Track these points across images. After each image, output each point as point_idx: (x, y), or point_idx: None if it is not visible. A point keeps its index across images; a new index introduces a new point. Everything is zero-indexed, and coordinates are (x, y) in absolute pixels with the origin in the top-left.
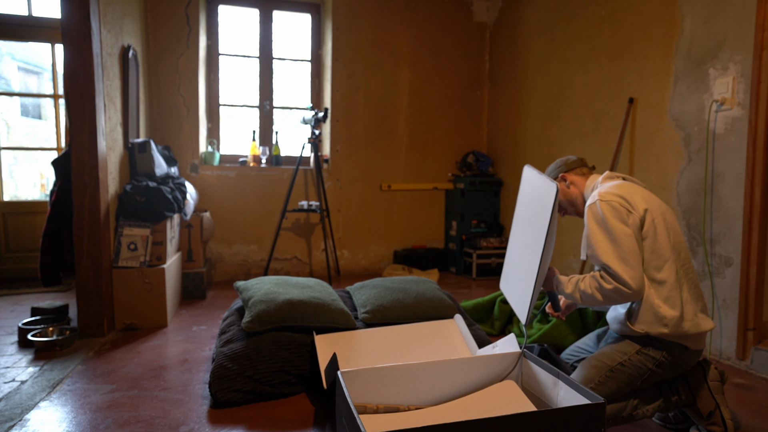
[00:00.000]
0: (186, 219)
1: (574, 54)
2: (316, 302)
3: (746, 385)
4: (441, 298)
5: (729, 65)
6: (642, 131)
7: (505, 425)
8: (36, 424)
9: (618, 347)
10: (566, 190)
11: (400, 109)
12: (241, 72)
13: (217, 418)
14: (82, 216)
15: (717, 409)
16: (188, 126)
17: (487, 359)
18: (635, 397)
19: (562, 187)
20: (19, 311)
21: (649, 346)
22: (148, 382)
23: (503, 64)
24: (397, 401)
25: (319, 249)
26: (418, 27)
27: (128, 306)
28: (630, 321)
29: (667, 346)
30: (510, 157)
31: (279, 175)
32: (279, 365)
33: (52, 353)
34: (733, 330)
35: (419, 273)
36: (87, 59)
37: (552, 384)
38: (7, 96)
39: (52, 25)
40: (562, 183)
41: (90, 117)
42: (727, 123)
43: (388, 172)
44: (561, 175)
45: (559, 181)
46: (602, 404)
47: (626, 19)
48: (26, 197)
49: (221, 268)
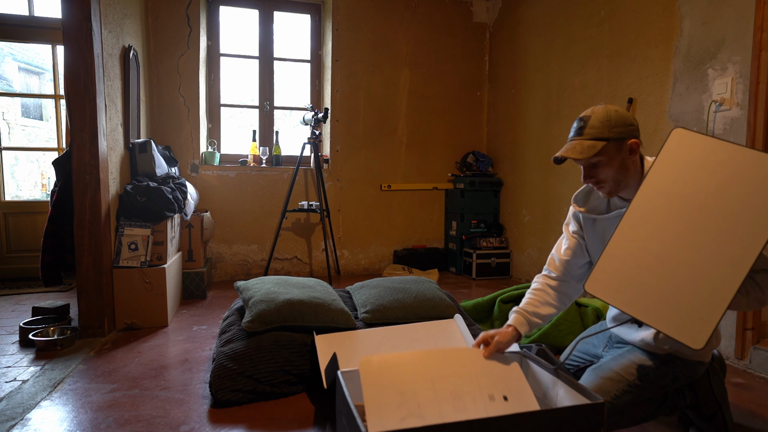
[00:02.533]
0: (186, 219)
1: (573, 54)
2: (316, 302)
3: (745, 385)
4: (441, 298)
5: (728, 66)
6: (641, 131)
7: (506, 425)
8: (37, 423)
9: (635, 360)
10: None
11: (400, 109)
12: (242, 72)
13: (217, 418)
14: (83, 216)
15: (719, 411)
16: (189, 126)
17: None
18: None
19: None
20: (20, 311)
21: (670, 363)
22: (148, 382)
23: (503, 65)
24: None
25: (319, 249)
26: (418, 27)
27: (129, 306)
28: (656, 340)
29: (686, 363)
30: (510, 157)
31: (279, 175)
32: (279, 365)
33: (53, 353)
34: (732, 330)
35: (419, 273)
36: (88, 60)
37: (552, 384)
38: (8, 96)
39: (53, 26)
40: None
41: (91, 117)
42: (726, 123)
43: (388, 172)
44: (633, 142)
45: (629, 148)
46: (602, 404)
47: (625, 19)
48: (27, 197)
49: (221, 268)
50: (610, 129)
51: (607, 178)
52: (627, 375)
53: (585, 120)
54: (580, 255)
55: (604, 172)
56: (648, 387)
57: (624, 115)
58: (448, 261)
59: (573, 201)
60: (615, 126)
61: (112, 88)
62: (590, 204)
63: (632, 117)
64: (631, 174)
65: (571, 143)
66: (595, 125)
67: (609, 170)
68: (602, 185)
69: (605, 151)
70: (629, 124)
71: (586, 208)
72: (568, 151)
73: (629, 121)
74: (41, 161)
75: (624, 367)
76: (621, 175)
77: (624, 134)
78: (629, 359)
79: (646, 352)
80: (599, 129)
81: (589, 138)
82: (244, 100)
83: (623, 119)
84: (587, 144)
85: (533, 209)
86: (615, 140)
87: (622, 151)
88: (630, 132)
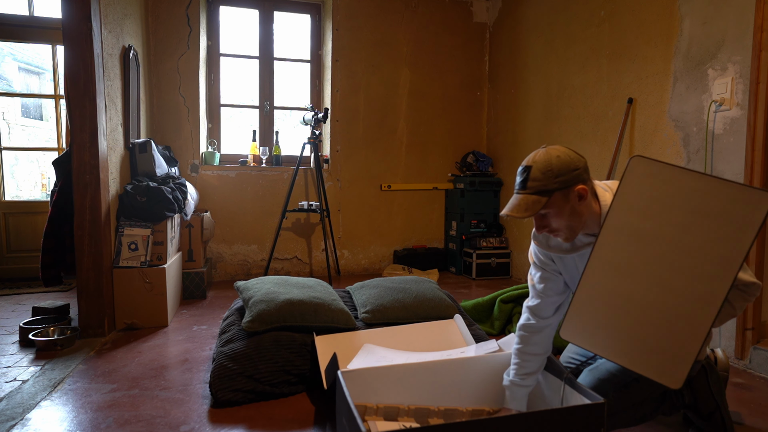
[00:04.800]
0: (186, 219)
1: (573, 54)
2: (316, 302)
3: (745, 385)
4: (441, 298)
5: (728, 66)
6: (641, 131)
7: (506, 425)
8: (37, 423)
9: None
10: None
11: (400, 109)
12: (242, 72)
13: (217, 418)
14: (83, 216)
15: (717, 410)
16: (189, 126)
17: (488, 359)
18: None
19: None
20: (20, 311)
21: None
22: (148, 382)
23: (503, 65)
24: (397, 401)
25: (320, 249)
26: (418, 27)
27: (129, 306)
28: None
29: None
30: (510, 157)
31: (279, 175)
32: (279, 365)
33: (53, 353)
34: (731, 330)
35: (419, 273)
36: (88, 60)
37: (552, 384)
38: (8, 96)
39: (53, 26)
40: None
41: (91, 117)
42: (726, 123)
43: (388, 172)
44: (580, 188)
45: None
46: (602, 404)
47: (625, 19)
48: (27, 197)
49: (221, 268)
50: (553, 180)
51: (560, 226)
52: (623, 375)
53: (527, 171)
54: (555, 288)
55: (555, 221)
56: (645, 386)
57: (567, 160)
58: (448, 261)
59: (534, 239)
60: (558, 175)
61: (112, 88)
62: (552, 242)
63: (576, 158)
64: (585, 218)
65: (516, 198)
66: (537, 177)
67: (560, 220)
68: (557, 233)
69: (551, 204)
70: (573, 169)
71: (548, 247)
72: (513, 209)
73: (573, 165)
74: (41, 161)
75: (619, 367)
76: (574, 221)
77: (569, 182)
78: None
79: None
80: (542, 181)
81: (532, 192)
82: (244, 100)
83: (566, 165)
84: (531, 199)
85: None
86: (560, 190)
87: (569, 199)
88: (575, 178)
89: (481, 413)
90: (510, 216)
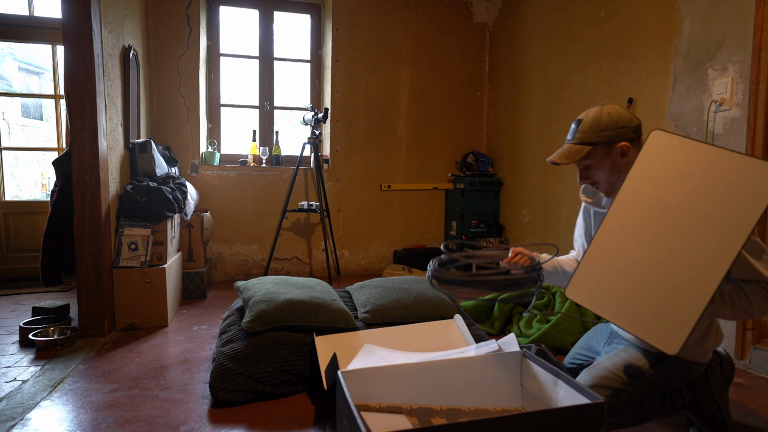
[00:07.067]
0: (186, 219)
1: (573, 54)
2: (316, 302)
3: (745, 385)
4: (441, 298)
5: (728, 66)
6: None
7: (506, 425)
8: (37, 423)
9: (629, 359)
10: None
11: (400, 109)
12: (242, 72)
13: (217, 418)
14: (83, 216)
15: (719, 412)
16: (189, 126)
17: (488, 359)
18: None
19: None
20: (20, 311)
21: (664, 361)
22: (148, 382)
23: (503, 65)
24: (398, 401)
25: (319, 249)
26: (418, 27)
27: (129, 306)
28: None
29: (680, 362)
30: (510, 157)
31: (279, 175)
32: (279, 365)
33: (53, 353)
34: (732, 330)
35: (419, 273)
36: (88, 60)
37: (552, 384)
38: (8, 96)
39: (53, 26)
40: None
41: (91, 117)
42: (726, 123)
43: (388, 172)
44: (623, 145)
45: (619, 151)
46: (602, 404)
47: (625, 19)
48: (27, 197)
49: (221, 268)
50: (598, 133)
51: (600, 179)
52: (621, 374)
53: (578, 123)
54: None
55: (596, 174)
56: (643, 386)
57: (616, 117)
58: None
59: (582, 192)
60: (604, 129)
61: (112, 88)
62: (596, 197)
63: (629, 118)
64: (625, 176)
65: (562, 148)
66: (584, 129)
67: (600, 173)
68: (597, 186)
69: (593, 155)
70: (621, 127)
71: (593, 200)
72: (556, 155)
73: (622, 123)
74: (41, 161)
75: (618, 366)
76: (614, 177)
77: (613, 137)
78: (623, 358)
79: (641, 349)
80: (587, 133)
81: (577, 142)
82: (244, 100)
83: (615, 122)
84: (575, 148)
85: (533, 209)
86: (602, 144)
87: (611, 154)
88: (621, 135)
89: (484, 413)
90: (552, 161)
